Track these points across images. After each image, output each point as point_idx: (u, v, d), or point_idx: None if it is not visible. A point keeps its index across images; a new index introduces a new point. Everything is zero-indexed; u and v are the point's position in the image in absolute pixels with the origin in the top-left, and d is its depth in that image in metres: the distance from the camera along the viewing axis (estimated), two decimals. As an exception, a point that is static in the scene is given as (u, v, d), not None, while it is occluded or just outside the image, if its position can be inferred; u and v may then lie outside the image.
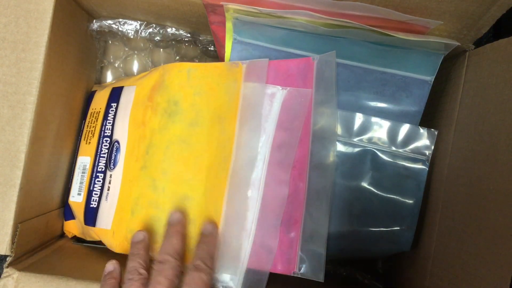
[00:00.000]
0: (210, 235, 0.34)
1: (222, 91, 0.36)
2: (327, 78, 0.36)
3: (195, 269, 0.31)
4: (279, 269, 0.35)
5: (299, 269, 0.34)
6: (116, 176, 0.39)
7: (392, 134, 0.37)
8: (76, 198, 0.41)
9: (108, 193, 0.39)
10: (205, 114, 0.36)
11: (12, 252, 0.33)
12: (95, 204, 0.39)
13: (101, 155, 0.40)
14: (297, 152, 0.35)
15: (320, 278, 0.34)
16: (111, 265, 0.33)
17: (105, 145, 0.40)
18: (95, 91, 0.45)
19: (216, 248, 0.34)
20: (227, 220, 0.35)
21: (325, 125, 0.36)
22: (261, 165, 0.35)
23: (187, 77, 0.37)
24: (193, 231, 0.35)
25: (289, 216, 0.35)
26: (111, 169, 0.39)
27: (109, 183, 0.39)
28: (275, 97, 0.36)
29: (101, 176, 0.40)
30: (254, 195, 0.35)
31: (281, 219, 0.35)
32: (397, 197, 0.37)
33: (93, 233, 0.40)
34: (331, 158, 0.36)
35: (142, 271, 0.31)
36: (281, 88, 0.36)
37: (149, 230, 0.36)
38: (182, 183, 0.35)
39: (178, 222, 0.34)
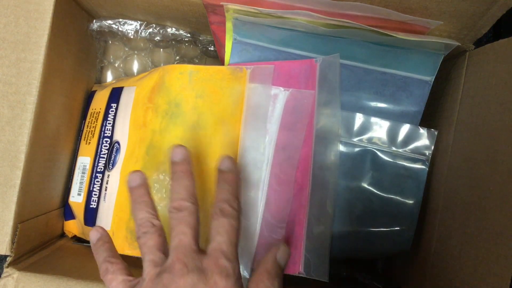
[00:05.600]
0: (230, 172, 0.29)
1: (226, 95, 0.36)
2: (330, 80, 0.36)
3: (221, 214, 0.26)
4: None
5: (304, 269, 0.34)
6: (113, 176, 0.39)
7: (392, 134, 0.37)
8: (76, 198, 0.41)
9: (105, 193, 0.39)
10: (208, 118, 0.36)
11: (12, 252, 0.33)
12: (94, 205, 0.39)
13: (101, 155, 0.40)
14: (300, 153, 0.35)
15: (325, 278, 0.34)
16: (96, 232, 0.28)
17: (105, 146, 0.40)
18: (95, 91, 0.45)
19: (240, 188, 0.29)
20: None
21: (328, 126, 0.36)
22: (265, 166, 0.35)
23: (188, 80, 0.37)
24: (202, 230, 0.35)
25: (293, 216, 0.35)
26: (109, 170, 0.39)
27: (107, 183, 0.39)
28: (277, 98, 0.36)
29: (100, 176, 0.40)
30: (258, 196, 0.35)
31: (286, 219, 0.35)
32: (397, 197, 0.37)
33: (93, 233, 0.40)
34: (334, 158, 0.36)
35: (156, 221, 0.27)
36: (283, 89, 0.36)
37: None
38: None
39: (184, 159, 0.29)
